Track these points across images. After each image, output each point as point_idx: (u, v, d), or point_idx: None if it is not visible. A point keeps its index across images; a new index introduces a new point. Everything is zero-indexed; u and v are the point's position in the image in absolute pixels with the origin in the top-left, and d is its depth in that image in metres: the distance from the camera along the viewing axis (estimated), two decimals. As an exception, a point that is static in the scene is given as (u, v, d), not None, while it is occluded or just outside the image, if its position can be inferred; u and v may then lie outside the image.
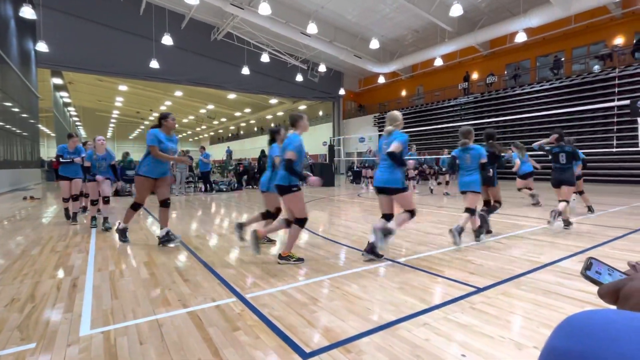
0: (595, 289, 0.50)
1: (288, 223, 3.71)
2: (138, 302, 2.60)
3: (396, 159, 3.61)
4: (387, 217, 3.80)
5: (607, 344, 0.30)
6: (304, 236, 5.01)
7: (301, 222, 3.60)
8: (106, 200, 5.85)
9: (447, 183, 11.58)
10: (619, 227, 5.24)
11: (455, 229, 4.16)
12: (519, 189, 7.85)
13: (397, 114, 3.90)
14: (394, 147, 3.62)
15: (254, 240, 3.63)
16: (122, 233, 4.59)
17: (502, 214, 6.77)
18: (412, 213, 3.72)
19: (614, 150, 11.90)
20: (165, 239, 4.37)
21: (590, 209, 6.64)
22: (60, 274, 3.33)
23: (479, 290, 2.76)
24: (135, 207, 4.52)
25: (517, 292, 2.72)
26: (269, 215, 4.44)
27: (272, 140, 4.45)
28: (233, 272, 3.33)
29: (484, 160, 4.38)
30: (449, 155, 5.20)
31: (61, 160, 5.88)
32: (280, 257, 3.60)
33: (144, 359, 1.85)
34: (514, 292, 2.71)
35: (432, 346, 1.92)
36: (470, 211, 4.39)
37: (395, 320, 2.25)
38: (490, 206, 4.99)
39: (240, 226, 4.31)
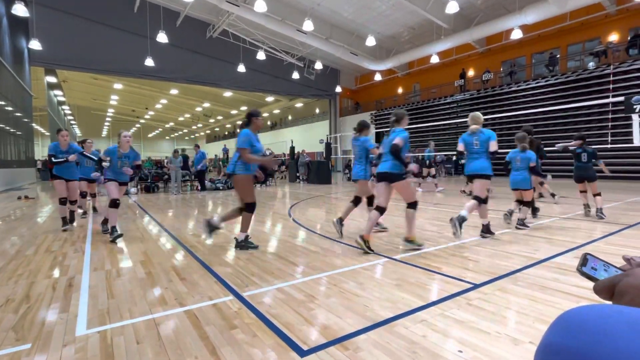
0: (591, 284, 0.50)
1: (380, 210, 3.99)
2: (134, 302, 2.59)
3: (495, 155, 4.45)
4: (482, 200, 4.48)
5: (602, 340, 0.30)
6: (301, 234, 5.02)
7: (414, 205, 3.98)
8: (117, 203, 4.84)
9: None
10: (614, 223, 5.28)
11: (518, 223, 5.01)
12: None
13: (479, 114, 4.66)
14: (495, 146, 4.41)
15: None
16: (246, 241, 4.17)
17: (498, 210, 6.81)
18: (479, 200, 4.41)
19: (609, 146, 11.98)
20: (243, 244, 4.13)
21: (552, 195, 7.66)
22: (56, 273, 3.31)
23: (476, 286, 2.78)
24: (252, 208, 4.11)
25: (514, 288, 2.73)
26: (358, 202, 4.85)
27: (359, 133, 4.85)
28: (230, 270, 3.32)
29: (533, 164, 5.07)
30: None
31: (54, 160, 5.30)
32: (406, 240, 4.00)
33: (140, 358, 1.84)
34: (510, 288, 2.72)
35: (429, 342, 1.93)
36: (528, 204, 5.13)
37: (392, 317, 2.26)
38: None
39: (340, 221, 4.72)
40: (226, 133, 54.84)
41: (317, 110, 34.28)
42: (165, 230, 5.41)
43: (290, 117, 39.15)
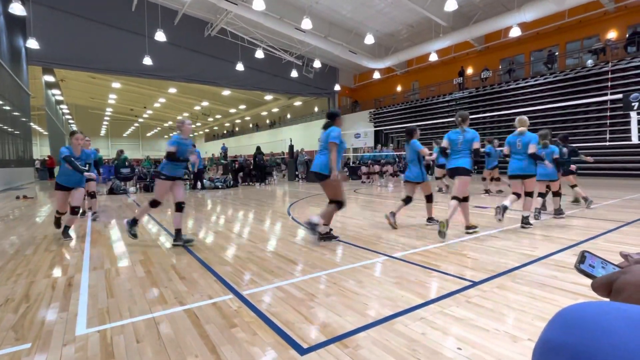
0: (589, 281, 0.50)
1: (462, 199, 4.58)
2: (134, 301, 2.59)
3: (535, 157, 4.90)
4: (519, 195, 5.10)
5: (599, 336, 0.30)
6: (300, 232, 5.02)
7: (467, 199, 4.57)
8: (181, 207, 4.35)
9: (497, 179, 9.41)
10: (612, 220, 5.30)
11: (538, 210, 5.63)
12: (437, 177, 10.23)
13: (526, 118, 5.10)
14: (533, 148, 4.85)
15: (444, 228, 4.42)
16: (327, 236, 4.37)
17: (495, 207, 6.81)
18: (531, 194, 5.06)
19: (607, 144, 12.00)
20: (327, 236, 4.37)
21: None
22: (55, 273, 3.31)
23: (475, 284, 2.79)
24: (341, 205, 4.33)
25: (512, 285, 2.74)
26: (409, 201, 5.28)
27: (409, 138, 5.29)
28: (229, 269, 3.33)
29: (557, 156, 5.75)
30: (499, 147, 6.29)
31: (73, 163, 4.58)
32: (467, 228, 4.58)
33: (141, 357, 1.84)
34: (509, 286, 2.73)
35: (429, 340, 1.94)
36: (557, 193, 5.85)
37: (391, 314, 2.27)
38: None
39: (430, 219, 5.28)
40: (225, 132, 54.75)
41: (316, 109, 34.24)
42: (165, 229, 5.41)
43: (289, 116, 39.10)
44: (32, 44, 14.35)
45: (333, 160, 4.21)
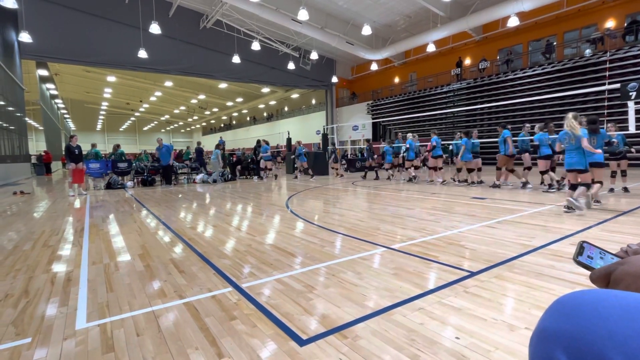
0: (586, 271, 0.50)
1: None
2: (134, 294, 2.60)
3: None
4: (574, 186, 5.46)
5: (596, 323, 0.30)
6: (299, 225, 5.03)
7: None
8: None
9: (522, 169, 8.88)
10: (609, 210, 5.33)
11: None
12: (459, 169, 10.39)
13: (572, 116, 5.54)
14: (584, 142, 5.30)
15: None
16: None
17: (494, 198, 6.85)
18: (588, 186, 5.35)
19: (605, 133, 12.02)
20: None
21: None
22: (54, 268, 3.31)
23: (473, 274, 2.81)
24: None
25: (510, 275, 2.76)
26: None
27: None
28: (228, 262, 3.34)
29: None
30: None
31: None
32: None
33: (141, 350, 1.85)
34: (506, 275, 2.75)
35: (427, 330, 1.96)
36: (587, 185, 6.02)
37: (390, 305, 2.28)
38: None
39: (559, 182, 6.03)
40: (222, 125, 54.47)
41: (314, 101, 34.09)
42: (163, 223, 5.40)
43: (286, 109, 38.91)
44: (25, 37, 14.13)
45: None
